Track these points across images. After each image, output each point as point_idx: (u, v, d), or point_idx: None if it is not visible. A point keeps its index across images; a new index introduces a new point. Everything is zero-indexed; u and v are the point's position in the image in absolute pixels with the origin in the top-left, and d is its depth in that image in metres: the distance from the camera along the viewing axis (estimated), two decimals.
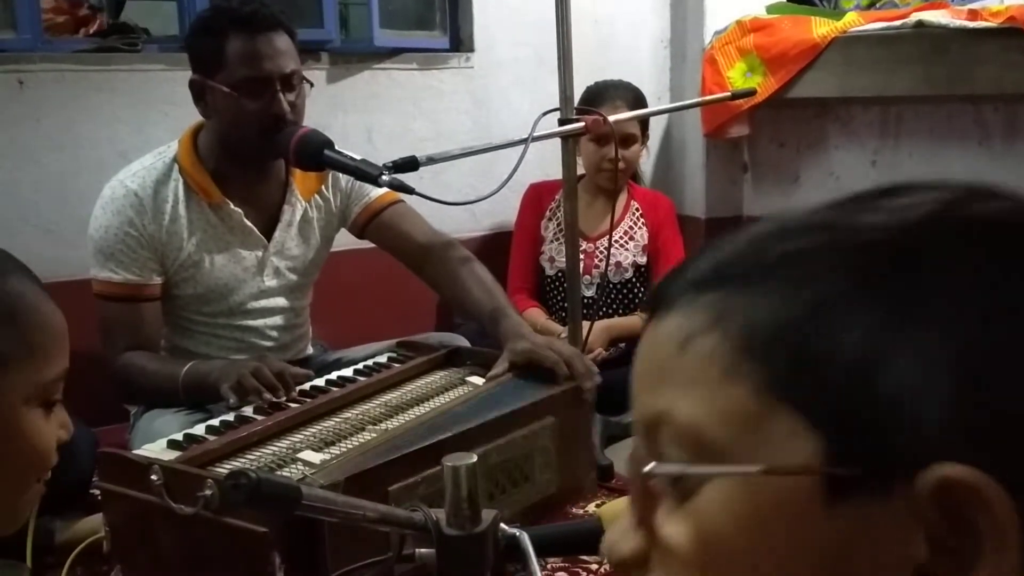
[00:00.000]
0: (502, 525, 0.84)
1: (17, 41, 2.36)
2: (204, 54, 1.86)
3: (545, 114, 1.98)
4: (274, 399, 1.65)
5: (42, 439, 0.85)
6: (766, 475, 0.41)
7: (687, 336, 0.45)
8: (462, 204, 1.92)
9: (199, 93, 1.89)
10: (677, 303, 0.47)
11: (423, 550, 0.84)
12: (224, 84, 1.83)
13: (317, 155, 1.79)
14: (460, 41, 3.02)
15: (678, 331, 0.46)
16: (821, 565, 0.41)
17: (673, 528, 0.45)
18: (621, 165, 2.52)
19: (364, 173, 1.73)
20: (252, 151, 1.89)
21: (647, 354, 0.48)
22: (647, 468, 0.45)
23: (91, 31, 2.72)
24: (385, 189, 1.99)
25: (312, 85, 1.94)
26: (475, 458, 0.82)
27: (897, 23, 2.69)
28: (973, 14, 2.52)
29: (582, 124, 2.03)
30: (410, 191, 1.76)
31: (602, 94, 2.64)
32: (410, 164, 1.73)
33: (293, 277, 2.06)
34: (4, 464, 0.83)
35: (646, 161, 3.03)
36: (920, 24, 2.60)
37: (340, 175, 2.03)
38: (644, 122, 2.71)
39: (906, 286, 0.42)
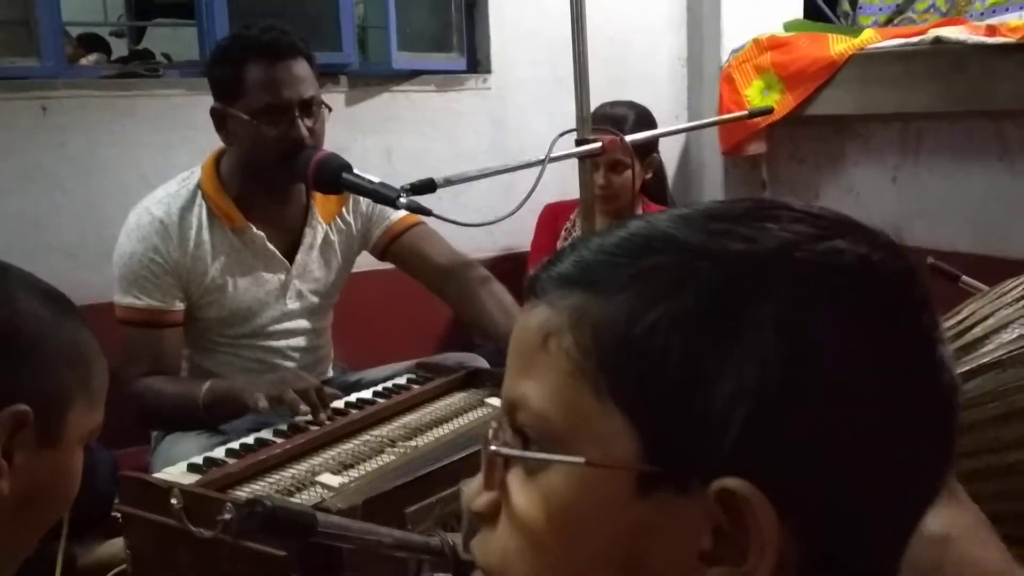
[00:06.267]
0: None
1: (41, 68, 2.39)
2: (224, 82, 1.88)
3: (562, 135, 1.98)
4: (311, 418, 1.65)
5: (79, 481, 0.89)
6: (589, 466, 0.49)
7: (548, 332, 0.52)
8: (479, 225, 1.92)
9: (220, 121, 1.91)
10: (547, 295, 0.53)
11: (441, 575, 0.84)
12: (244, 111, 1.85)
13: (335, 178, 1.80)
14: (477, 62, 3.04)
15: (543, 325, 0.52)
16: (627, 543, 0.50)
17: (524, 497, 0.52)
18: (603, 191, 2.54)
19: (382, 196, 1.73)
20: (272, 176, 1.90)
21: (519, 339, 0.54)
22: (492, 448, 0.53)
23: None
24: (405, 212, 2.00)
25: (331, 110, 1.95)
26: None
27: (915, 39, 2.69)
28: (991, 30, 2.51)
29: (599, 144, 2.03)
30: (428, 213, 1.76)
31: (601, 113, 2.54)
32: (427, 186, 1.73)
33: (315, 299, 2.07)
34: (51, 502, 0.87)
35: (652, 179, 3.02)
36: (938, 40, 2.59)
37: (361, 198, 2.04)
38: (644, 148, 2.61)
39: (734, 319, 0.48)
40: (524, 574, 0.52)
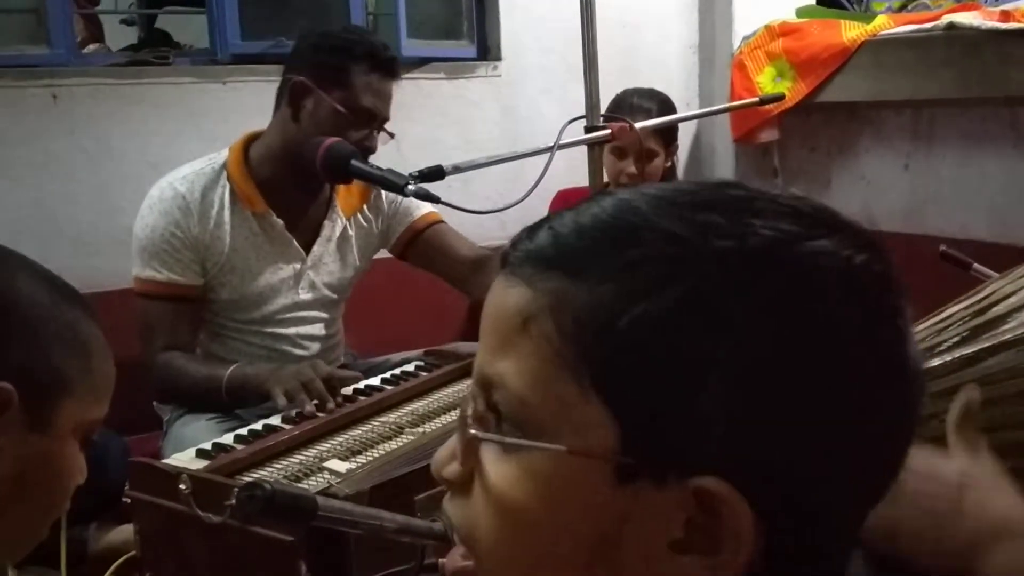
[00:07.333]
0: None
1: (51, 56, 2.40)
2: (329, 68, 1.91)
3: (571, 122, 1.97)
4: (317, 409, 1.65)
5: (74, 474, 0.88)
6: (570, 454, 0.49)
7: (529, 316, 0.51)
8: (488, 212, 1.92)
9: (299, 95, 1.91)
10: (524, 272, 0.52)
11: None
12: (339, 102, 1.88)
13: (344, 166, 1.80)
14: (487, 50, 3.03)
15: (522, 308, 0.52)
16: (601, 528, 0.50)
17: (500, 475, 0.52)
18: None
19: (390, 183, 1.73)
20: (313, 170, 1.88)
21: (495, 316, 0.54)
22: (471, 432, 0.53)
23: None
24: (426, 210, 2.10)
25: (393, 136, 2.00)
26: None
27: (928, 25, 2.67)
28: (1006, 15, 2.48)
29: (608, 131, 2.02)
30: (436, 200, 1.76)
31: (627, 102, 2.58)
32: (436, 173, 1.73)
33: (327, 292, 2.08)
34: (40, 490, 0.85)
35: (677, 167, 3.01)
36: (952, 26, 2.57)
37: (382, 196, 2.10)
38: (669, 135, 2.63)
39: (720, 319, 0.47)
40: (499, 551, 0.53)
